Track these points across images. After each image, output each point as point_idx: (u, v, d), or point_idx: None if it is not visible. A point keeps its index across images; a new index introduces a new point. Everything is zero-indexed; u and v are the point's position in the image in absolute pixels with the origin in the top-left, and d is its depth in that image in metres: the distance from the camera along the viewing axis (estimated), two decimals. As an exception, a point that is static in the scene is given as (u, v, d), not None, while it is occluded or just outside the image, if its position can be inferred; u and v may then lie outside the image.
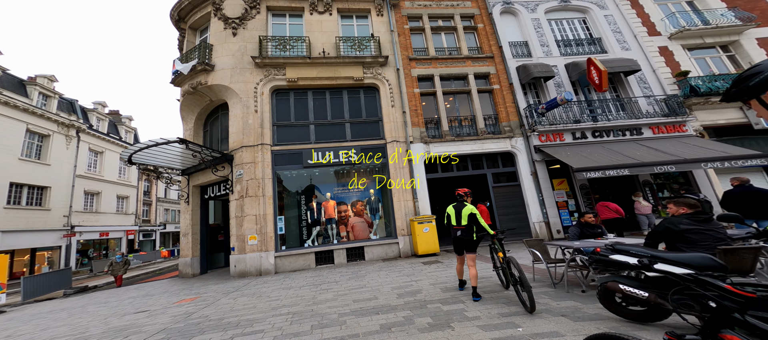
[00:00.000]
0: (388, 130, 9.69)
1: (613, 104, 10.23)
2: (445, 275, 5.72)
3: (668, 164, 7.70)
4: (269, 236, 8.14)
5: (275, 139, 9.15)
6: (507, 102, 10.31)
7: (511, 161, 10.13)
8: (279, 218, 8.56)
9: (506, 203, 9.72)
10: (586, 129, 9.71)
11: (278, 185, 9.12)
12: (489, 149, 9.81)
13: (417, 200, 9.16)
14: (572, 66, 10.48)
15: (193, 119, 9.97)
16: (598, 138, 9.71)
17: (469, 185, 10.04)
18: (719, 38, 10.89)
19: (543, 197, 9.38)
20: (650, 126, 9.66)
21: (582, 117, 9.95)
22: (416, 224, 8.29)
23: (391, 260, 8.40)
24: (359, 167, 9.59)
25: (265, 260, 7.93)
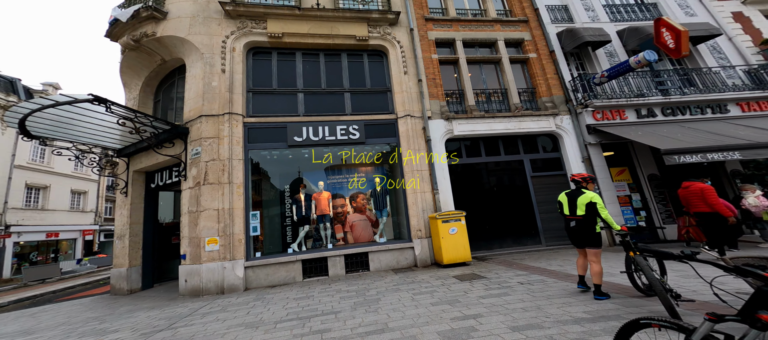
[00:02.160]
0: (400, 103, 7.53)
1: (681, 79, 8.17)
2: (511, 301, 3.46)
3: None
4: (238, 239, 5.85)
5: (250, 110, 6.95)
6: (547, 73, 8.23)
7: (555, 145, 7.98)
8: (253, 213, 6.28)
9: (548, 197, 7.51)
10: (654, 104, 7.62)
11: (254, 170, 6.86)
12: (526, 129, 7.66)
13: (437, 192, 6.93)
14: (629, 32, 8.46)
15: (139, 86, 7.70)
16: (671, 117, 7.60)
17: (502, 174, 7.88)
18: None
19: (600, 190, 7.20)
20: (738, 102, 7.59)
21: (646, 91, 7.85)
22: (440, 223, 6.05)
23: (405, 270, 6.11)
24: (362, 148, 7.39)
25: (231, 273, 5.61)
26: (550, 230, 7.29)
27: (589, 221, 3.58)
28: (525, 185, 7.66)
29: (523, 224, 7.37)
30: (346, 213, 7.44)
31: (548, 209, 7.46)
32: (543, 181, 7.70)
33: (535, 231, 7.28)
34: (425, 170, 7.09)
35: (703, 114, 7.55)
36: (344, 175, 7.75)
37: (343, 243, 7.08)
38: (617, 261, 5.24)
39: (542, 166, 7.85)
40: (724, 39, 8.48)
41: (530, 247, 7.14)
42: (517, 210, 7.46)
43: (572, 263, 5.36)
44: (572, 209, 3.73)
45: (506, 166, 7.85)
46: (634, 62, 6.62)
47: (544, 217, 7.39)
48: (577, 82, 7.94)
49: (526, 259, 6.08)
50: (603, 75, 7.29)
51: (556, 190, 7.64)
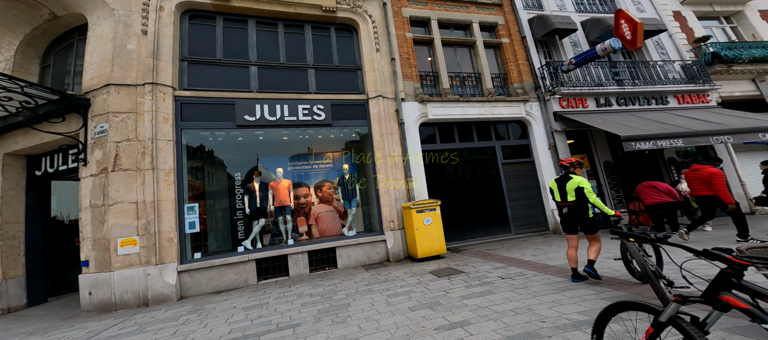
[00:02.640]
0: (371, 82, 6.86)
1: (630, 70, 8.72)
2: (497, 302, 3.18)
3: (725, 134, 6.19)
4: (167, 238, 4.79)
5: (185, 82, 5.71)
6: (519, 59, 8.17)
7: (524, 132, 8.05)
8: (189, 207, 5.22)
9: (518, 184, 7.61)
10: (610, 94, 8.02)
11: (193, 154, 5.74)
12: (499, 115, 7.57)
13: (411, 179, 6.52)
14: (592, 22, 8.73)
15: (16, 46, 5.83)
16: (624, 106, 8.08)
17: (474, 161, 7.77)
18: (725, 7, 10.12)
19: (564, 177, 7.45)
20: (675, 94, 8.33)
21: (604, 81, 8.22)
22: (414, 214, 5.66)
23: (377, 266, 5.67)
24: (329, 131, 6.64)
25: (157, 280, 4.58)
26: (518, 218, 7.40)
27: (581, 206, 3.54)
28: (496, 172, 7.63)
29: (495, 212, 7.37)
30: (310, 204, 6.70)
31: (517, 197, 7.55)
32: (513, 168, 7.75)
33: (506, 219, 7.33)
34: (398, 155, 6.61)
35: (648, 104, 8.17)
36: (309, 161, 6.95)
37: (307, 238, 6.40)
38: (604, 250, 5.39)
39: (512, 153, 7.89)
40: (666, 35, 9.22)
41: (501, 235, 7.19)
42: (489, 198, 7.43)
43: (545, 252, 5.39)
44: (563, 195, 3.69)
45: (479, 153, 7.73)
46: (600, 50, 6.77)
47: (513, 205, 7.47)
48: (544, 69, 8.00)
49: (500, 249, 6.03)
50: (570, 62, 7.41)
51: (525, 178, 7.78)
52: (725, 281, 1.19)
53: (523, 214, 7.43)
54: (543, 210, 7.55)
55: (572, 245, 3.64)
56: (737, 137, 6.27)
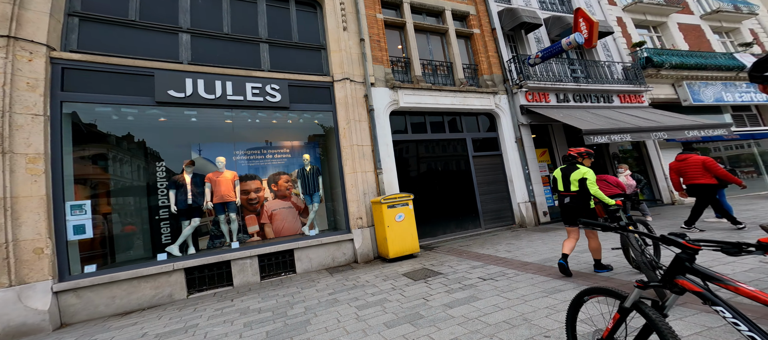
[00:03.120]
0: (337, 63, 6.08)
1: (584, 69, 9.25)
2: (485, 310, 2.79)
3: (667, 131, 6.79)
4: (31, 249, 3.49)
5: (74, 42, 4.35)
6: (489, 51, 8.07)
7: (492, 125, 8.01)
8: (75, 205, 3.96)
9: (487, 178, 7.56)
10: (568, 90, 8.36)
11: (93, 137, 4.44)
12: (470, 106, 7.38)
13: (381, 172, 5.97)
14: (553, 20, 9.01)
15: None
16: (579, 102, 8.49)
17: (445, 153, 7.51)
18: (654, 17, 11.31)
19: (529, 170, 7.59)
20: (619, 94, 9.02)
21: (563, 78, 8.55)
22: (384, 209, 5.13)
23: (343, 269, 5.02)
24: (286, 116, 5.76)
25: (14, 307, 3.27)
26: (488, 213, 7.34)
27: (583, 197, 3.49)
28: (467, 165, 7.45)
29: (465, 207, 7.19)
30: (262, 200, 5.76)
31: (487, 191, 7.48)
32: (482, 161, 7.65)
33: (476, 213, 7.21)
34: (367, 145, 5.98)
35: (597, 102, 8.72)
36: (262, 150, 5.97)
37: (259, 239, 5.48)
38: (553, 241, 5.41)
39: (481, 146, 7.79)
40: (611, 39, 9.98)
41: (472, 230, 7.05)
42: (460, 192, 7.23)
43: (517, 247, 5.28)
44: (566, 185, 3.63)
45: (450, 146, 7.47)
46: (565, 44, 6.91)
47: (483, 199, 7.38)
48: (512, 62, 8.02)
49: (473, 245, 5.81)
50: (537, 56, 7.49)
51: (494, 171, 7.75)
52: (680, 266, 1.22)
53: (492, 208, 7.39)
54: (510, 204, 7.61)
55: (572, 236, 3.57)
56: (671, 134, 6.94)
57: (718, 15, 12.15)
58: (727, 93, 10.73)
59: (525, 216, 7.28)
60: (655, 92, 10.09)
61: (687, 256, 1.20)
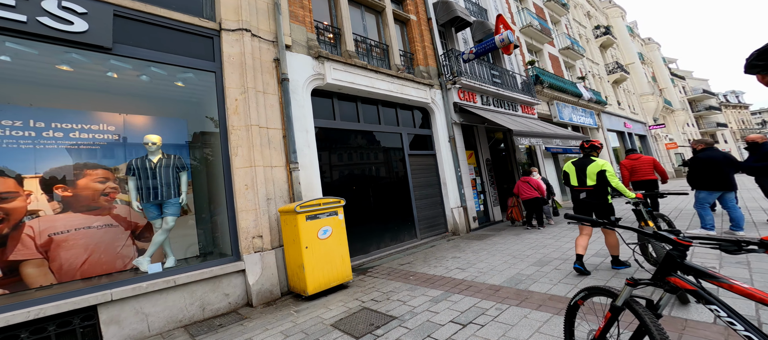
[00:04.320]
0: (231, 6, 4.00)
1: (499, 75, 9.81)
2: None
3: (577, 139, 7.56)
4: None
5: None
6: (425, 41, 7.36)
7: (427, 121, 7.29)
8: None
9: (422, 180, 6.72)
10: (490, 94, 8.52)
11: None
12: (408, 97, 6.41)
13: (296, 168, 4.15)
14: (477, 24, 9.16)
15: None
16: (496, 107, 8.77)
17: (378, 149, 6.22)
18: (537, 43, 13.42)
19: (461, 172, 7.18)
20: (521, 104, 9.88)
21: (486, 81, 8.71)
22: (301, 222, 3.38)
23: (221, 321, 2.94)
24: (103, 63, 3.26)
25: None
26: (423, 220, 6.45)
27: (601, 191, 3.32)
28: (403, 164, 6.40)
29: (401, 213, 6.08)
30: (22, 214, 3.07)
31: (422, 195, 6.60)
32: (418, 161, 6.76)
33: (412, 222, 6.20)
34: (276, 128, 4.08)
35: (508, 109, 9.29)
36: (30, 121, 3.23)
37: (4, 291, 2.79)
38: (497, 246, 4.85)
39: (416, 143, 6.92)
40: (514, 53, 11.11)
41: (408, 242, 5.96)
42: (395, 196, 6.08)
43: (468, 261, 4.43)
44: (581, 179, 3.42)
45: (385, 140, 6.25)
46: (498, 41, 6.83)
47: (419, 204, 6.45)
48: (446, 57, 7.57)
49: (415, 262, 4.66)
50: (471, 51, 7.24)
51: (428, 172, 6.97)
52: (672, 263, 1.18)
53: (427, 215, 6.55)
54: (443, 210, 6.96)
55: (585, 232, 3.38)
56: (574, 141, 7.85)
57: (567, 51, 15.57)
58: (574, 114, 13.60)
59: (458, 222, 6.76)
60: (537, 108, 11.79)
61: (678, 252, 1.17)
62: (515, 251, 4.64)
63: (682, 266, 1.15)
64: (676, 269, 1.17)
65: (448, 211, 6.89)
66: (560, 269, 3.51)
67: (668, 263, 1.17)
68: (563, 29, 16.57)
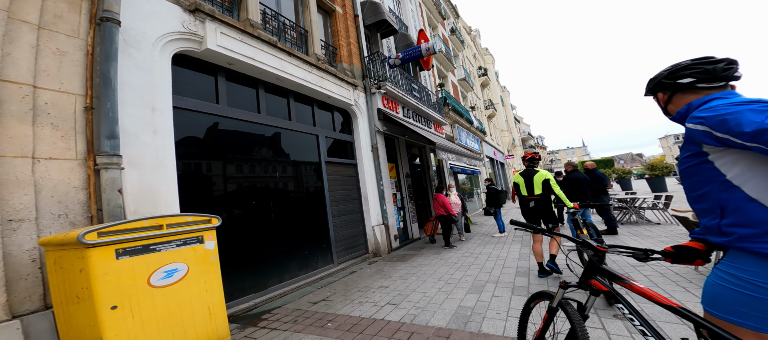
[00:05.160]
0: None
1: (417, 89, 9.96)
2: None
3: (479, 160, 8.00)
4: None
5: None
6: (350, 37, 6.54)
7: (348, 125, 6.33)
8: None
9: (341, 193, 5.62)
10: (411, 106, 8.35)
11: None
12: (328, 92, 5.32)
13: (114, 165, 2.38)
14: (400, 36, 9.07)
15: None
16: (415, 121, 8.65)
17: (289, 151, 4.75)
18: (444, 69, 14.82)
19: (383, 185, 6.46)
20: (433, 121, 10.26)
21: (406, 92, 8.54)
22: (97, 261, 1.72)
23: None
24: None
25: None
26: (341, 241, 5.28)
27: (546, 200, 3.60)
28: (319, 174, 5.14)
29: (314, 234, 4.74)
30: None
31: (341, 211, 5.46)
32: (336, 170, 5.64)
33: (328, 244, 4.93)
34: (68, 93, 2.25)
35: (423, 124, 9.44)
36: None
37: None
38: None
39: (335, 150, 5.82)
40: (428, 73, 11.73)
41: (322, 269, 4.63)
42: (307, 213, 4.72)
43: (398, 292, 3.52)
44: (530, 189, 3.67)
45: (297, 142, 4.88)
46: (424, 49, 6.67)
47: (336, 222, 5.27)
48: (368, 61, 6.94)
49: (335, 299, 3.41)
50: (398, 56, 6.86)
51: (348, 185, 5.91)
52: (593, 267, 1.29)
53: (346, 234, 5.43)
54: (363, 228, 6.00)
55: (538, 239, 3.52)
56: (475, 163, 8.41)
57: (463, 82, 18.10)
58: (468, 139, 15.59)
59: (379, 242, 5.90)
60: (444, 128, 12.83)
61: (598, 258, 1.30)
62: (444, 274, 4.07)
63: (601, 270, 1.28)
64: (596, 273, 1.29)
65: (369, 229, 5.97)
66: (499, 296, 3.02)
67: (590, 267, 1.31)
68: (460, 63, 19.17)
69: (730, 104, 0.96)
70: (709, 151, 1.02)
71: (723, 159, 0.99)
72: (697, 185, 1.07)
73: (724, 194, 0.99)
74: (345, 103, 5.90)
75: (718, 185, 1.01)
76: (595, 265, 1.28)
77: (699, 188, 1.07)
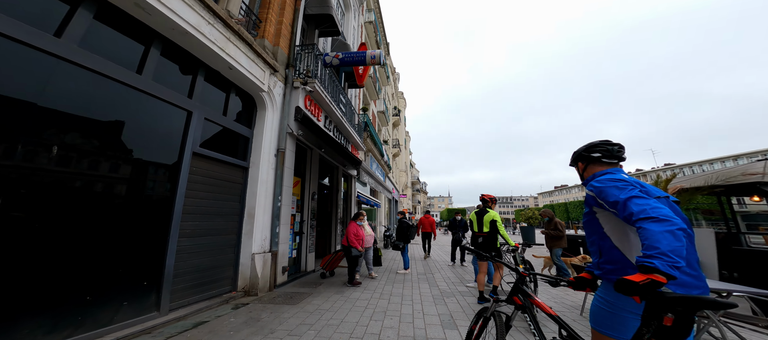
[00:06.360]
0: None
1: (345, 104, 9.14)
2: None
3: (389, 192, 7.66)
4: None
5: None
6: (283, 16, 5.17)
7: (249, 116, 4.72)
8: None
9: (205, 203, 3.88)
10: (334, 119, 7.34)
11: None
12: (232, 64, 3.76)
13: None
14: (339, 44, 8.20)
15: None
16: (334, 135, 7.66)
17: (117, 120, 2.75)
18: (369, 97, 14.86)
19: (282, 202, 5.02)
20: (352, 144, 9.63)
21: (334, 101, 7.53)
22: None
23: None
24: None
25: None
26: (186, 274, 3.49)
27: (492, 236, 4.19)
28: (172, 170, 3.32)
29: (129, 260, 2.85)
30: None
31: (199, 230, 3.71)
32: (209, 169, 3.90)
33: (155, 278, 3.08)
34: None
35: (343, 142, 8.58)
36: None
37: None
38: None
39: (217, 142, 4.08)
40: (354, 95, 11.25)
41: (133, 322, 2.73)
42: (127, 225, 2.83)
43: None
44: (479, 226, 4.29)
45: (144, 111, 2.99)
46: (369, 57, 5.99)
47: (184, 245, 3.47)
48: (299, 50, 5.69)
49: None
50: (337, 55, 5.89)
51: (224, 193, 4.20)
52: (517, 288, 1.75)
53: (197, 264, 3.66)
54: (235, 256, 4.33)
55: (483, 271, 4.12)
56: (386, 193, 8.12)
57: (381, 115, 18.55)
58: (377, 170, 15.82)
59: (259, 276, 4.36)
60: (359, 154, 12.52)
61: (520, 280, 1.77)
62: (355, 326, 3.13)
63: (521, 290, 1.75)
64: (518, 292, 1.76)
65: (246, 257, 4.36)
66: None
67: (515, 288, 1.77)
68: (382, 96, 19.89)
69: (608, 179, 1.37)
70: (596, 211, 1.42)
71: (602, 217, 1.39)
72: (589, 233, 1.49)
73: (601, 242, 1.40)
74: (253, 86, 4.38)
75: (599, 235, 1.42)
76: (518, 286, 1.77)
77: (590, 236, 1.47)
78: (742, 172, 4.49)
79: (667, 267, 0.99)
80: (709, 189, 5.10)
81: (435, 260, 8.74)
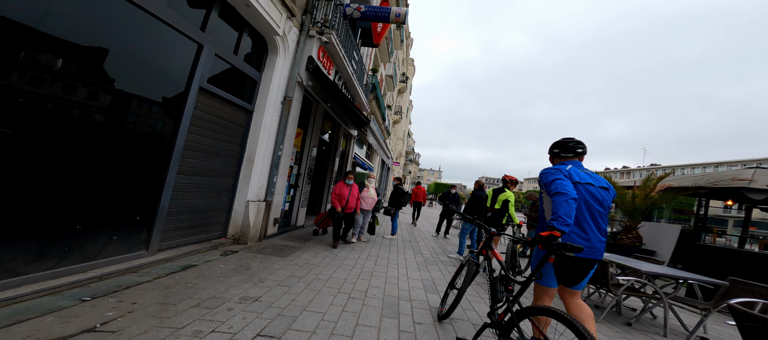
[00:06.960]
0: None
1: (358, 61, 8.75)
2: None
3: (388, 158, 7.67)
4: None
5: None
6: (305, -62, 4.60)
7: (259, 59, 4.46)
8: None
9: (206, 143, 3.78)
10: (344, 75, 7.02)
11: None
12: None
13: None
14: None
15: None
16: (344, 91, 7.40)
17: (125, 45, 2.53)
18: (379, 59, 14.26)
19: (283, 151, 4.98)
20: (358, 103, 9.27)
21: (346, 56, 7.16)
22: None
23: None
24: None
25: None
26: (178, 215, 3.47)
27: (500, 214, 4.90)
28: (176, 105, 3.18)
29: (120, 196, 2.81)
30: None
31: (197, 169, 3.67)
32: (214, 108, 3.76)
33: (148, 217, 3.07)
34: None
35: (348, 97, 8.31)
36: None
37: None
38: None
39: (224, 80, 3.88)
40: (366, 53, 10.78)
41: (121, 259, 2.80)
42: (122, 159, 2.77)
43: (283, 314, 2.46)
44: (493, 203, 5.00)
45: (148, 38, 2.76)
46: (394, 14, 5.60)
47: (182, 184, 3.45)
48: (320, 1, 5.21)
49: (124, 328, 1.88)
50: (359, 8, 5.47)
51: (225, 136, 4.11)
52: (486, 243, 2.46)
53: (192, 205, 3.68)
54: (228, 201, 4.36)
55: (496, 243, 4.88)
56: (386, 160, 8.15)
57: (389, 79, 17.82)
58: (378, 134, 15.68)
59: (250, 224, 4.45)
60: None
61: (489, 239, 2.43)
62: (343, 283, 3.35)
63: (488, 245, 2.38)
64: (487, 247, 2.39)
65: (240, 204, 4.43)
66: (422, 322, 2.56)
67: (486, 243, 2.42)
68: (393, 60, 18.99)
69: (549, 169, 1.92)
70: (542, 191, 1.95)
71: (545, 196, 1.93)
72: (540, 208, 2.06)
73: (544, 214, 1.98)
74: (268, 28, 4.08)
75: (542, 209, 2.03)
76: (487, 242, 2.40)
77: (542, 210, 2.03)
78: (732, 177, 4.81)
79: (560, 225, 1.54)
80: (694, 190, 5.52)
81: (420, 230, 9.15)
